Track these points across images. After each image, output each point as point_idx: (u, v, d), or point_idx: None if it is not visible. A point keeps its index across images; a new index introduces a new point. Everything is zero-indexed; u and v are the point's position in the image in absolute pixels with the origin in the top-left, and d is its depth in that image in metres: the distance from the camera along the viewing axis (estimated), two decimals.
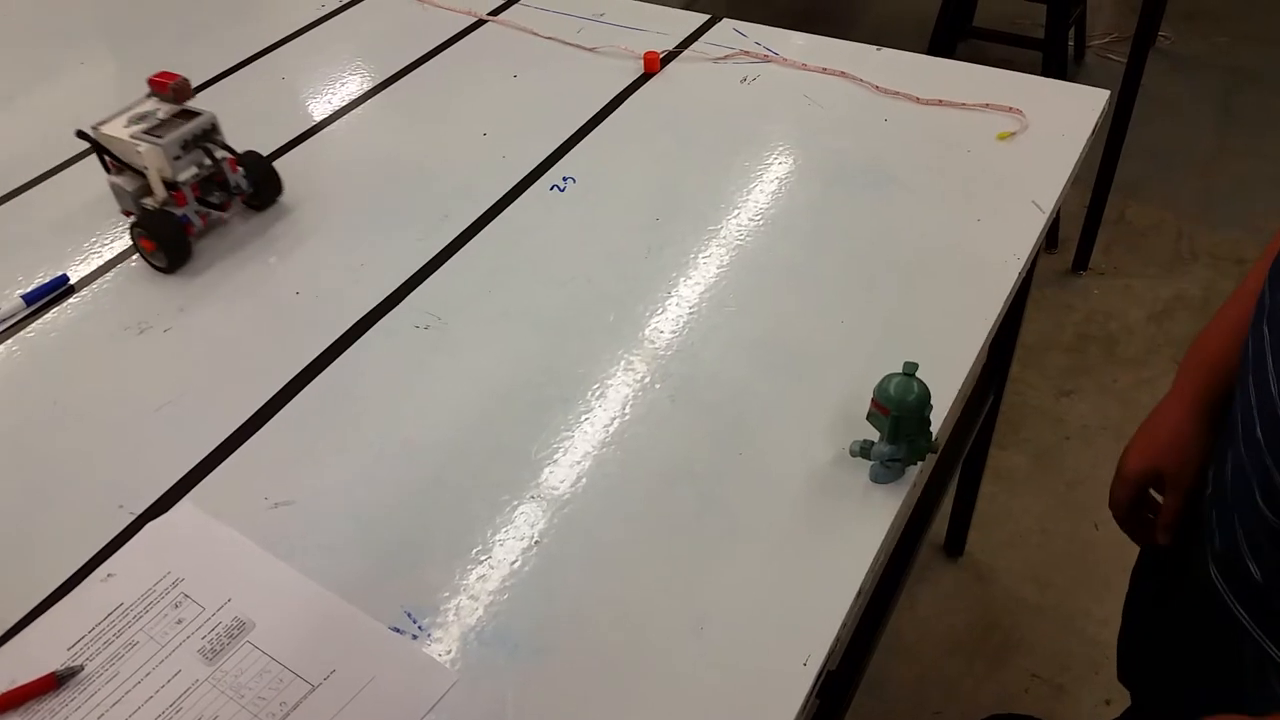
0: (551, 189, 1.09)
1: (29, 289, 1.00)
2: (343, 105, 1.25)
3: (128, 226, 1.02)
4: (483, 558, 0.75)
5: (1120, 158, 2.07)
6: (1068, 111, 1.12)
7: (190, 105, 1.03)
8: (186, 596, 0.74)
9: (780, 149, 1.12)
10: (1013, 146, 1.09)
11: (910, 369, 0.73)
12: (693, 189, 1.07)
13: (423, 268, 1.00)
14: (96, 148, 1.02)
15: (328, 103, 1.26)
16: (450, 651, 0.70)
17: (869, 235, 1.00)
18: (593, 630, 0.70)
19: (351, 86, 1.29)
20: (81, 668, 0.70)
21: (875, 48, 1.26)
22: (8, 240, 1.09)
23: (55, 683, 0.69)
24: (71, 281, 1.02)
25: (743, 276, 0.97)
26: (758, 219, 1.03)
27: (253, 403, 0.88)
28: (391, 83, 1.29)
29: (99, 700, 0.68)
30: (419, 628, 0.71)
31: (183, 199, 1.02)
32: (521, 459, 0.82)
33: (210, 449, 0.84)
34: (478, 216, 1.06)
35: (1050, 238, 2.27)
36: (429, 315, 0.95)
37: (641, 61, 1.26)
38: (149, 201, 1.03)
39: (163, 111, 1.02)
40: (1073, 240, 2.25)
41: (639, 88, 1.23)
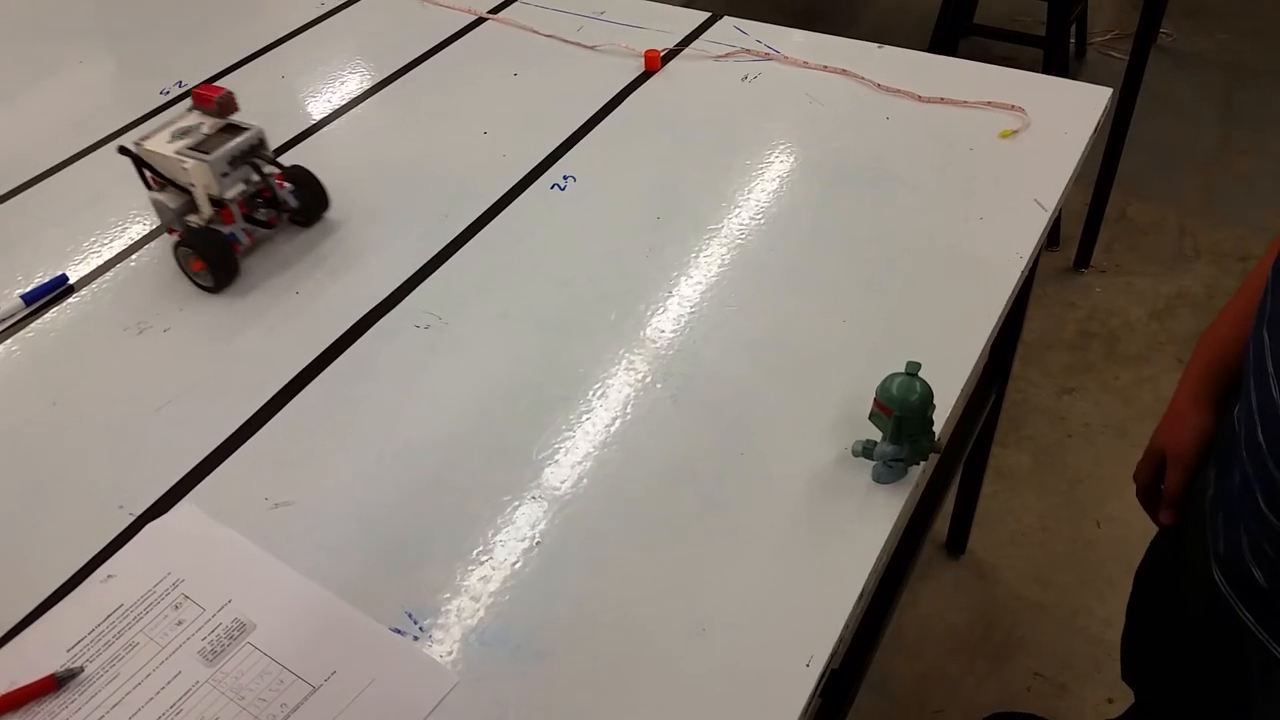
0: (552, 188, 1.09)
1: (28, 289, 1.00)
2: (342, 104, 1.25)
3: (172, 245, 0.99)
4: (484, 558, 0.75)
5: (1122, 155, 2.06)
6: (1070, 109, 1.12)
7: (235, 119, 1.00)
8: (187, 598, 0.74)
9: (781, 147, 1.12)
10: (1015, 144, 1.08)
11: (913, 368, 0.72)
12: (694, 187, 1.07)
13: (423, 267, 1.00)
14: (138, 163, 0.98)
15: (327, 101, 1.26)
16: (451, 653, 0.69)
17: (871, 234, 0.99)
18: (594, 631, 0.70)
19: (351, 85, 1.28)
20: (81, 669, 0.70)
21: (876, 45, 1.26)
22: (7, 239, 1.08)
23: (55, 684, 0.69)
24: (71, 281, 1.02)
25: (744, 275, 0.96)
26: (759, 218, 1.03)
27: (253, 403, 0.88)
28: (391, 81, 1.28)
29: (99, 702, 0.68)
30: (420, 629, 0.71)
31: (230, 216, 0.99)
32: (522, 459, 0.81)
33: (210, 449, 0.84)
34: (478, 215, 1.06)
35: (1052, 235, 2.27)
36: (429, 315, 0.95)
37: (642, 59, 1.25)
38: (194, 219, 0.99)
39: (207, 126, 0.99)
40: (1074, 238, 2.25)
41: (640, 86, 1.23)
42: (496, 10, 1.40)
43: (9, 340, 0.97)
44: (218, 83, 1.30)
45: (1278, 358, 0.68)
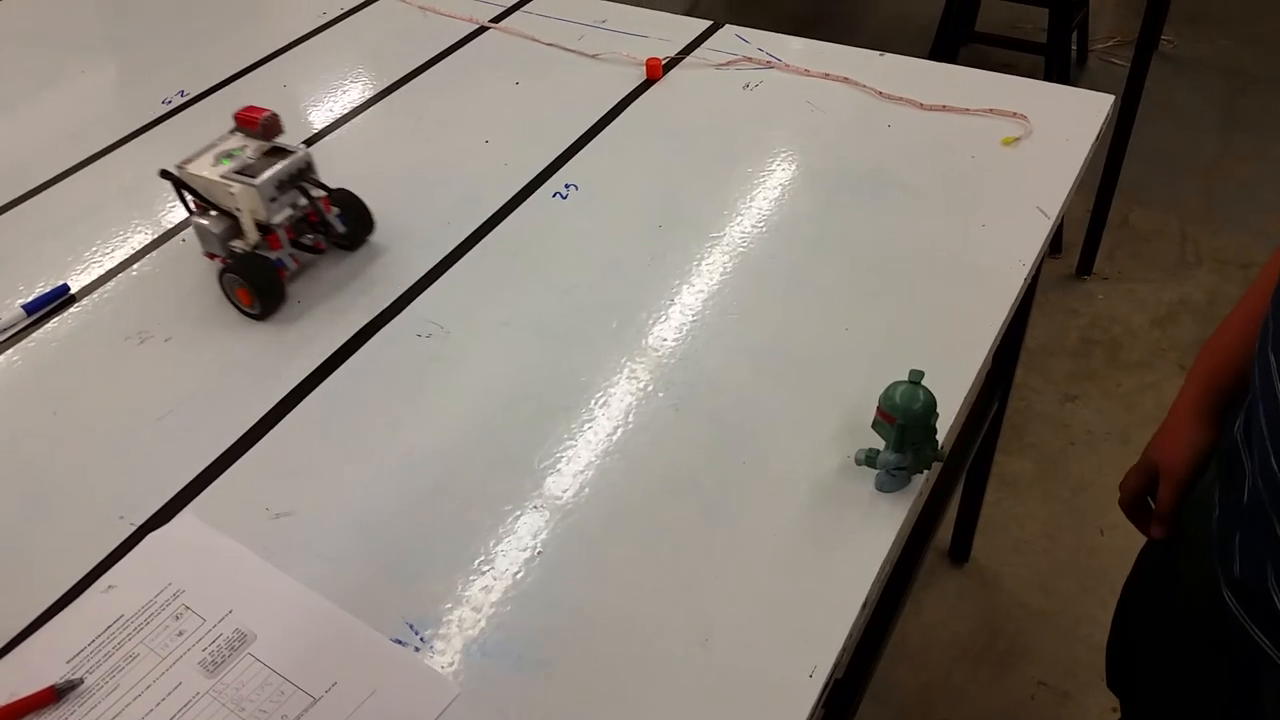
0: (554, 196, 1.09)
1: (30, 298, 1.00)
2: (344, 113, 1.25)
3: (217, 272, 0.97)
4: (485, 568, 0.74)
5: (1124, 162, 2.06)
6: (1072, 116, 1.12)
7: (280, 141, 0.97)
8: (187, 608, 0.73)
9: (783, 155, 1.12)
10: (1017, 152, 1.08)
11: (916, 377, 0.72)
12: (695, 196, 1.07)
13: (424, 276, 1.00)
14: (179, 187, 0.95)
15: (329, 110, 1.26)
16: (452, 663, 0.69)
17: (873, 242, 0.99)
18: (596, 641, 0.70)
19: (353, 94, 1.28)
20: (81, 680, 0.69)
21: (878, 53, 1.26)
22: (8, 249, 1.08)
23: (55, 695, 0.68)
24: (72, 291, 1.02)
25: (746, 283, 0.96)
26: (760, 226, 1.02)
27: (254, 413, 0.87)
28: (393, 90, 1.28)
29: (99, 713, 0.68)
30: (421, 639, 0.70)
31: (277, 242, 0.96)
32: (524, 468, 0.81)
33: (211, 459, 0.84)
34: (480, 224, 1.06)
35: (1054, 242, 2.26)
36: (431, 324, 0.95)
37: (643, 68, 1.25)
38: (238, 244, 0.96)
39: (251, 149, 0.96)
40: (1076, 245, 2.24)
41: (641, 94, 1.23)
42: (498, 19, 1.40)
43: (10, 350, 0.96)
44: (219, 92, 1.30)
45: None
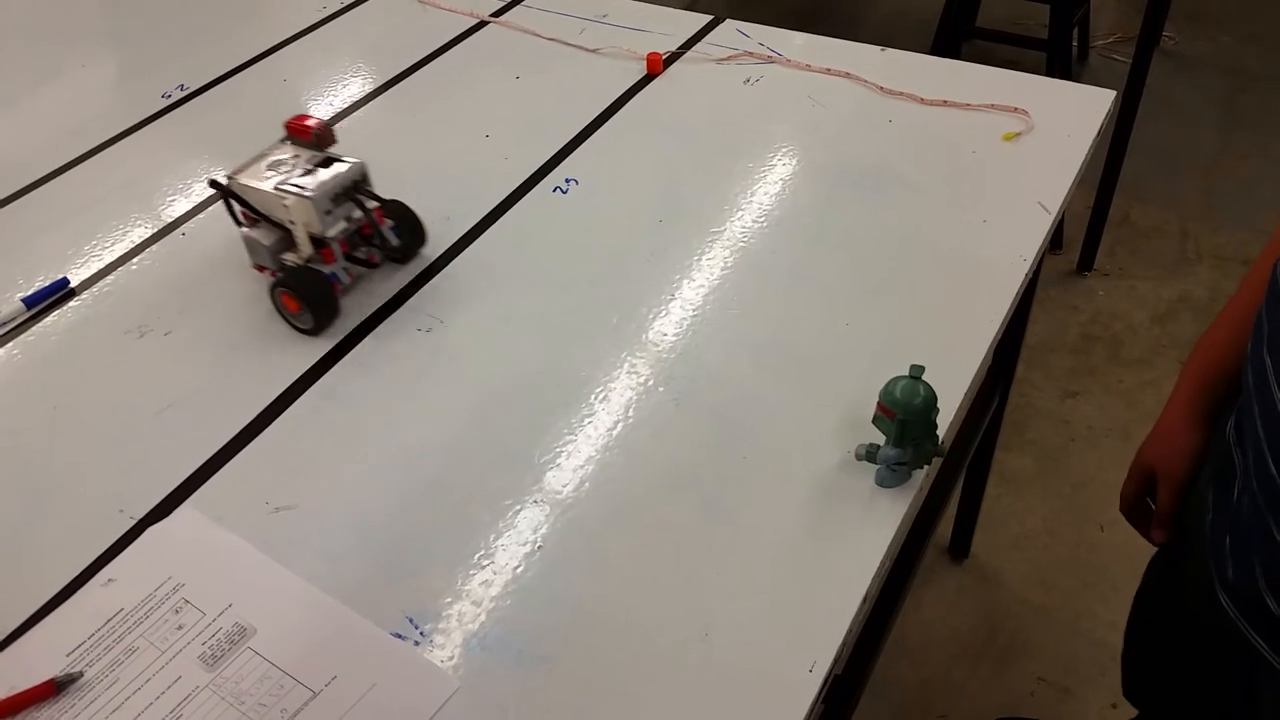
0: (554, 191, 1.09)
1: (29, 292, 1.00)
2: (344, 107, 1.25)
3: (268, 286, 0.94)
4: (485, 563, 0.74)
5: (1124, 158, 2.06)
6: (1073, 112, 1.12)
7: (333, 151, 0.94)
8: (187, 602, 0.73)
9: (784, 150, 1.11)
10: (1018, 147, 1.08)
11: (916, 372, 0.72)
12: (696, 190, 1.07)
13: (424, 270, 1.00)
14: (227, 197, 0.93)
15: (329, 105, 1.25)
16: (452, 658, 0.69)
17: (873, 237, 0.99)
18: (596, 636, 0.70)
19: (353, 88, 1.28)
20: (81, 674, 0.69)
21: (879, 48, 1.25)
22: (8, 243, 1.08)
23: (54, 689, 0.68)
24: (72, 285, 1.02)
25: (746, 278, 0.96)
26: (761, 221, 1.02)
27: (254, 406, 0.87)
28: (393, 84, 1.28)
29: (98, 707, 0.68)
30: (420, 634, 0.70)
31: (331, 255, 0.93)
32: (524, 463, 0.81)
33: (211, 453, 0.84)
34: (480, 219, 1.06)
35: (1055, 239, 2.26)
36: (431, 318, 0.94)
37: (644, 62, 1.25)
38: (290, 257, 0.93)
39: (304, 159, 0.93)
40: (1077, 241, 2.24)
41: (642, 89, 1.23)
42: (498, 13, 1.40)
43: (10, 344, 0.96)
44: (219, 87, 1.30)
45: None
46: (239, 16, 1.46)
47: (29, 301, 0.99)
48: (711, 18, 1.35)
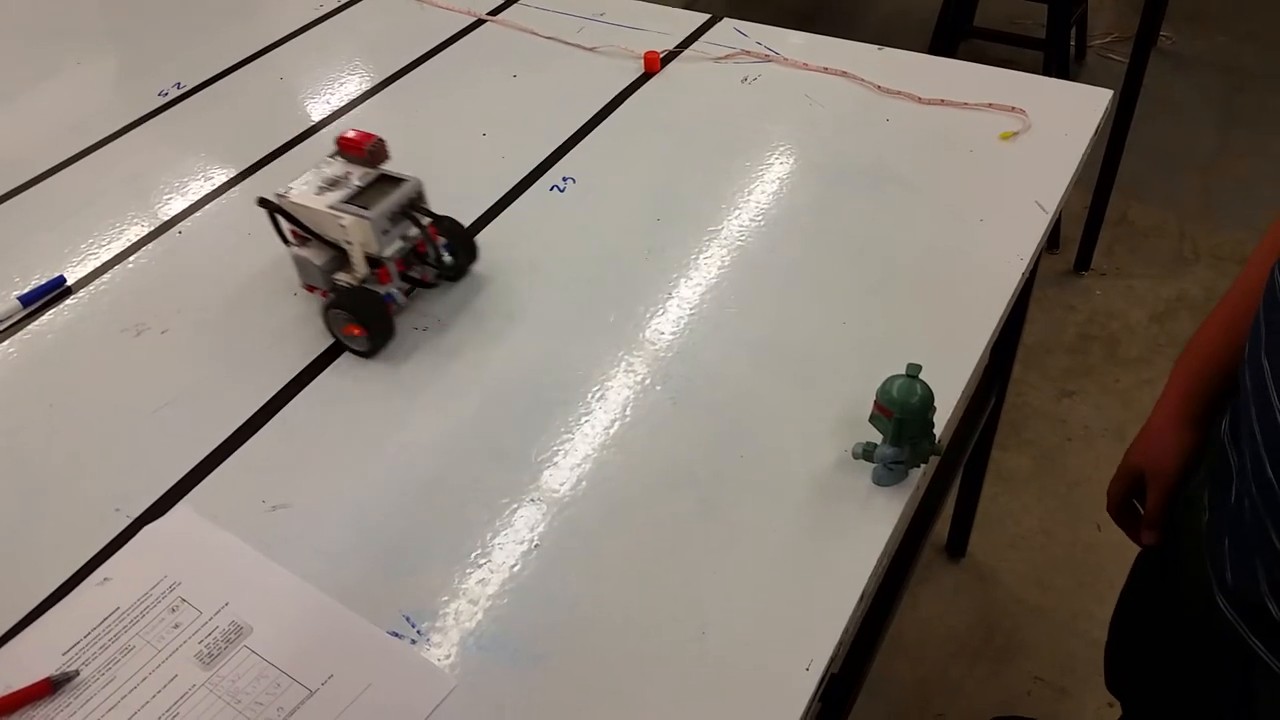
0: (551, 190, 1.08)
1: (25, 290, 1.00)
2: (341, 105, 1.25)
3: (321, 308, 0.90)
4: (482, 561, 0.74)
5: (1122, 158, 2.06)
6: (1070, 111, 1.12)
7: (386, 167, 0.92)
8: (183, 601, 0.73)
9: (781, 149, 1.11)
10: (1015, 146, 1.08)
11: (913, 370, 0.72)
12: (693, 189, 1.07)
13: None
14: (276, 216, 0.90)
15: (326, 103, 1.25)
16: (449, 656, 0.69)
17: (871, 236, 0.99)
18: (593, 635, 0.70)
19: (350, 87, 1.28)
20: (77, 673, 0.69)
21: (876, 47, 1.25)
22: (4, 241, 1.08)
23: (50, 688, 0.68)
24: (68, 283, 1.02)
25: (744, 277, 0.96)
26: (759, 219, 1.02)
27: (250, 405, 0.87)
28: (390, 83, 1.28)
29: (94, 706, 0.68)
30: (417, 632, 0.70)
31: (387, 276, 0.90)
32: (521, 462, 0.81)
33: (207, 452, 0.84)
34: (477, 217, 1.05)
35: (1052, 238, 2.26)
36: (427, 316, 0.94)
37: (642, 61, 1.25)
38: (343, 277, 0.90)
39: (357, 176, 0.90)
40: (1074, 240, 2.24)
41: (639, 87, 1.23)
42: (496, 12, 1.40)
43: (6, 342, 0.96)
44: (215, 85, 1.30)
45: None
46: (236, 14, 1.45)
47: (25, 300, 0.99)
48: (709, 16, 1.35)
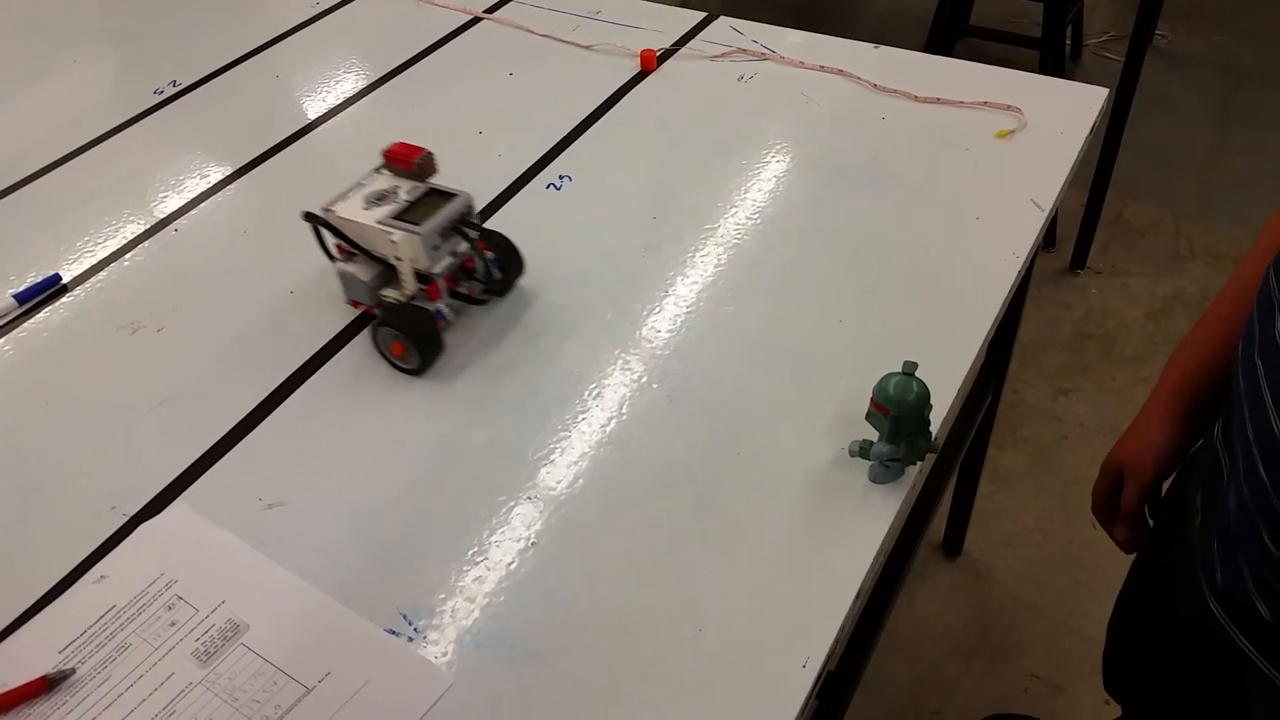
0: (548, 187, 1.08)
1: (21, 288, 1.00)
2: (337, 103, 1.24)
3: (371, 327, 0.89)
4: (479, 559, 0.74)
5: (1118, 156, 2.07)
6: (1066, 109, 1.12)
7: (434, 181, 0.90)
8: (180, 598, 0.73)
9: (778, 147, 1.12)
10: (1011, 144, 1.08)
11: (910, 368, 0.72)
12: (690, 187, 1.07)
13: None
14: (321, 230, 0.88)
15: (322, 101, 1.25)
16: (446, 654, 0.69)
17: (867, 234, 0.99)
18: (589, 632, 0.70)
19: (346, 85, 1.28)
20: (73, 671, 0.69)
21: (873, 46, 1.26)
22: None
23: (47, 686, 0.68)
24: (64, 281, 1.02)
25: (740, 275, 0.96)
26: (755, 217, 1.02)
27: (247, 403, 0.87)
28: (386, 81, 1.28)
29: (91, 703, 0.68)
30: (414, 630, 0.70)
31: (436, 292, 0.88)
32: (518, 459, 0.81)
33: (204, 450, 0.84)
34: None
35: (1048, 236, 2.27)
36: None
37: (638, 59, 1.25)
38: (390, 294, 0.89)
39: (405, 190, 0.88)
40: (1070, 239, 2.25)
41: (635, 85, 1.23)
42: (492, 10, 1.39)
43: (2, 340, 0.96)
44: (211, 83, 1.30)
45: (1275, 387, 0.66)
46: (232, 12, 1.45)
47: (20, 297, 0.99)
48: (705, 14, 1.35)
